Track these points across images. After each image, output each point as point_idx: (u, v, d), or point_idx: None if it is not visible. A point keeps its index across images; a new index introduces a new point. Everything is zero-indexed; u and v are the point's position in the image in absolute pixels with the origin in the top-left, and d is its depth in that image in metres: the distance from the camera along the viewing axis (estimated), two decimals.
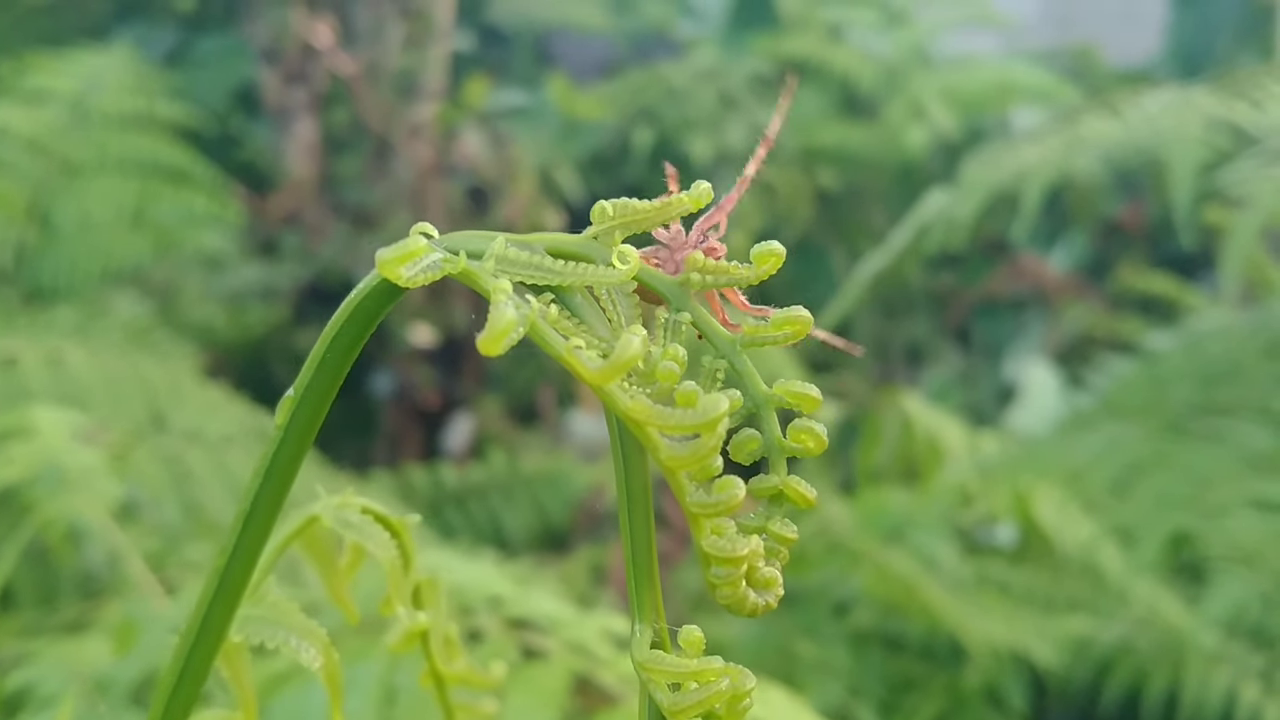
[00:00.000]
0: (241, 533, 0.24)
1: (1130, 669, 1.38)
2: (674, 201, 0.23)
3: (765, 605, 0.22)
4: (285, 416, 0.25)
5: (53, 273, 1.85)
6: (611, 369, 0.19)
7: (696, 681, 0.22)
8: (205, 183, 1.94)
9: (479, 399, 2.15)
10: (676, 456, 0.20)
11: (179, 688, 0.25)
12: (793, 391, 0.22)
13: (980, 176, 1.20)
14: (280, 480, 0.25)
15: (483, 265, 0.21)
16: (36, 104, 1.93)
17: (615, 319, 0.22)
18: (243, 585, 0.25)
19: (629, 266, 0.22)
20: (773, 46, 2.43)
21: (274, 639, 0.27)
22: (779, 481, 0.22)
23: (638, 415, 0.20)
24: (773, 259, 0.23)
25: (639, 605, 0.22)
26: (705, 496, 0.21)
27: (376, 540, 0.29)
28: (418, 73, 2.37)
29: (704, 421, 0.19)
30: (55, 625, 0.95)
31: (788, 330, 0.23)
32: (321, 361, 0.24)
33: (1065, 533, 1.42)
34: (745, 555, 0.21)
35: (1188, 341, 1.26)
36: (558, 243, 0.23)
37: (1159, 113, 1.09)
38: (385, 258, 0.21)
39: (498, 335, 0.19)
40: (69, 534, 0.95)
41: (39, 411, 0.97)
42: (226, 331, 2.04)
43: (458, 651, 0.31)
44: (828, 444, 0.22)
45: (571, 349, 0.20)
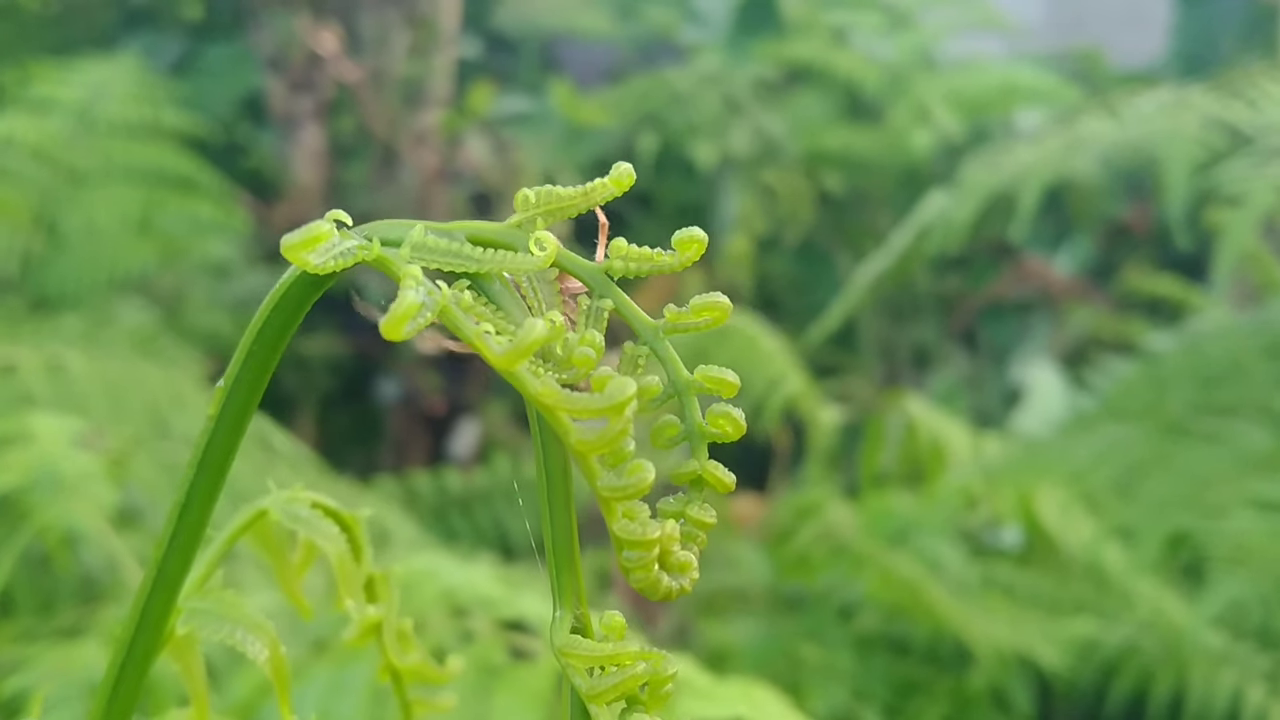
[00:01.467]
0: (178, 524, 0.24)
1: (1136, 671, 1.37)
2: (596, 186, 0.23)
3: (679, 589, 0.22)
4: (216, 407, 0.25)
5: (59, 281, 1.85)
6: (516, 352, 0.19)
7: (615, 665, 0.22)
8: (211, 191, 1.95)
9: (484, 405, 2.15)
10: (586, 441, 0.20)
11: (120, 681, 0.25)
12: (711, 377, 0.23)
13: (979, 179, 1.20)
14: (214, 471, 0.25)
15: (398, 252, 0.21)
16: (43, 113, 1.94)
17: (535, 306, 0.22)
18: (180, 577, 0.25)
19: (546, 253, 0.22)
20: (776, 51, 2.43)
21: (219, 632, 0.27)
22: (699, 466, 0.22)
23: (546, 399, 0.20)
24: (694, 245, 0.23)
25: (559, 590, 0.22)
26: (615, 480, 0.21)
27: (324, 534, 0.29)
28: (423, 80, 2.37)
29: (610, 405, 0.20)
30: (53, 630, 0.96)
31: (707, 316, 0.23)
32: (249, 353, 0.24)
33: (1069, 535, 1.42)
34: (657, 539, 0.21)
35: (1188, 342, 1.26)
36: (479, 230, 0.23)
37: (1154, 112, 1.09)
38: (291, 243, 0.21)
39: (399, 319, 0.19)
40: (66, 539, 0.95)
41: (37, 418, 0.98)
42: (233, 338, 2.04)
43: (411, 645, 0.31)
44: (745, 429, 0.23)
45: (480, 334, 0.20)
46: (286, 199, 2.27)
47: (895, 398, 1.75)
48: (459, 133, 2.24)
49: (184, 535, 0.25)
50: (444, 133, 2.26)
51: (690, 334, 0.23)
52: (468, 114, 2.25)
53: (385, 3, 2.44)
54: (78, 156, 1.92)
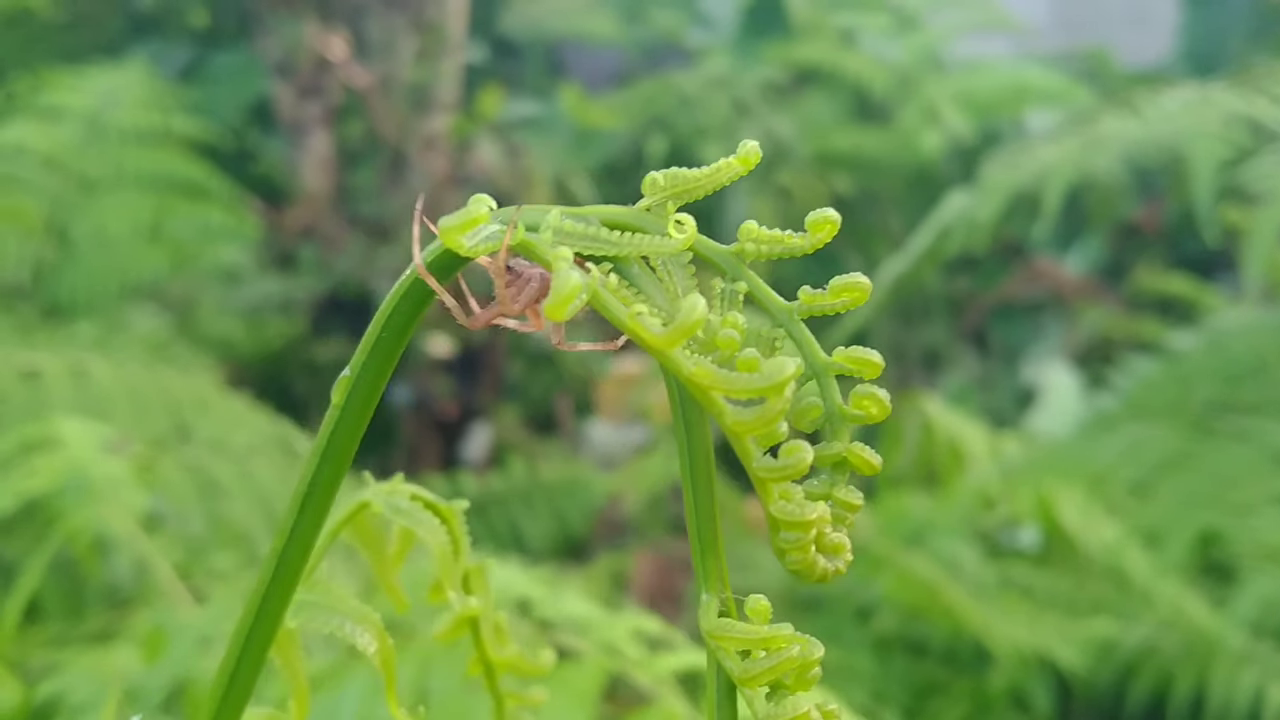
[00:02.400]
0: (299, 514, 0.24)
1: (1155, 671, 1.37)
2: (723, 166, 0.23)
3: (835, 570, 0.22)
4: (342, 396, 0.25)
5: (71, 288, 1.85)
6: (677, 333, 0.19)
7: (765, 649, 0.22)
8: (222, 197, 1.95)
9: (497, 409, 2.15)
10: (742, 421, 0.20)
11: (236, 674, 0.25)
12: (854, 358, 0.22)
13: (1000, 178, 1.20)
14: (338, 461, 0.25)
15: (541, 236, 0.21)
16: (53, 121, 1.94)
17: (671, 288, 0.22)
18: (300, 568, 0.25)
19: (685, 236, 0.22)
20: (785, 53, 2.43)
21: (328, 624, 0.27)
22: (842, 448, 0.22)
23: (703, 380, 0.20)
24: (828, 226, 0.23)
25: (704, 574, 0.22)
26: (772, 461, 0.21)
27: (427, 526, 0.29)
28: (430, 85, 2.37)
29: (770, 385, 0.19)
30: (83, 635, 0.95)
31: (845, 298, 0.23)
32: (377, 340, 0.24)
33: (1089, 535, 1.41)
34: (814, 520, 0.21)
35: (1211, 340, 1.26)
36: (611, 215, 0.23)
37: (1178, 110, 1.09)
38: (448, 225, 0.21)
39: (563, 300, 0.19)
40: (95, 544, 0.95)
41: (64, 423, 0.98)
42: (245, 344, 2.05)
43: (507, 638, 0.31)
44: (890, 409, 0.22)
45: (634, 315, 0.20)
46: (296, 205, 2.27)
47: (911, 399, 1.75)
48: (469, 137, 2.24)
49: (305, 525, 0.24)
50: (454, 137, 2.26)
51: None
52: (477, 118, 2.25)
53: (392, 8, 2.44)
54: (88, 164, 1.92)
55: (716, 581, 0.22)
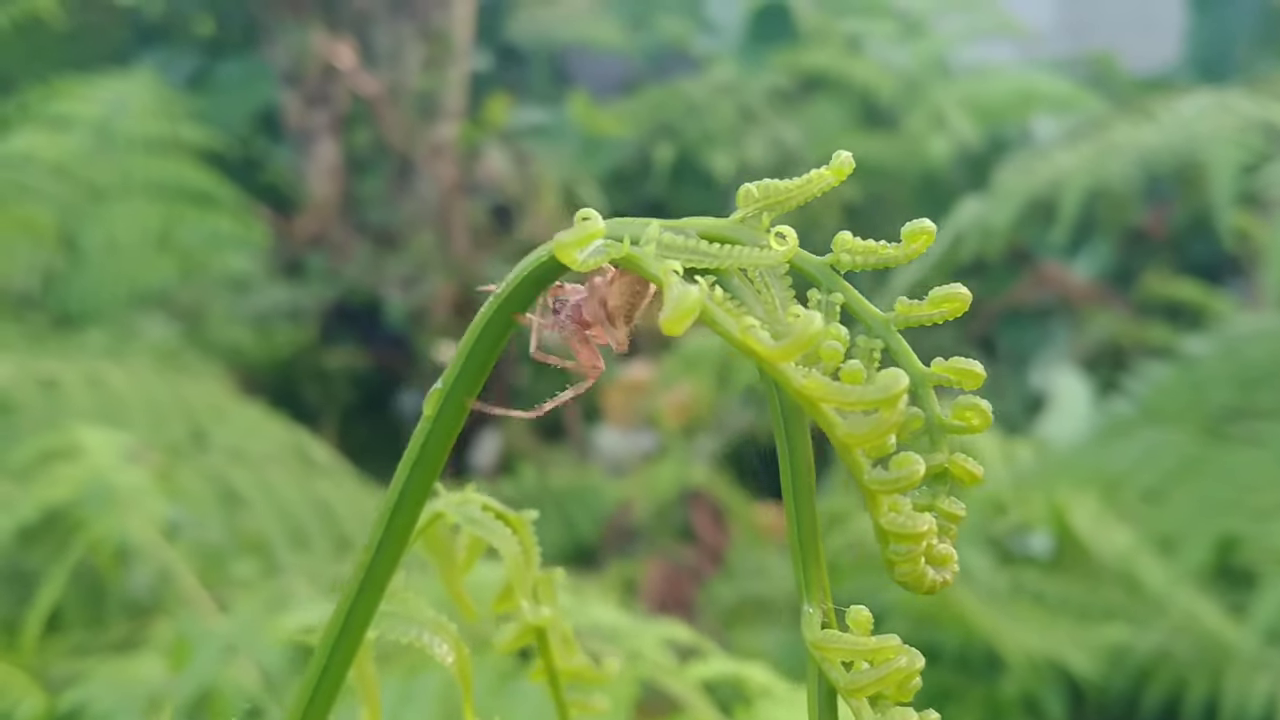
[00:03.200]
0: (388, 526, 0.24)
1: (1169, 677, 1.37)
2: (815, 177, 0.23)
3: (943, 581, 0.22)
4: (434, 408, 0.25)
5: (81, 296, 1.85)
6: (793, 346, 0.19)
7: (869, 661, 0.22)
8: (230, 205, 1.95)
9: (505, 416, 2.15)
10: (854, 433, 0.20)
11: (321, 684, 0.25)
12: (955, 369, 0.22)
13: (1015, 184, 1.20)
14: (428, 470, 0.25)
15: (644, 250, 0.21)
16: (62, 130, 1.94)
17: (769, 300, 0.22)
18: (386, 580, 0.25)
19: (787, 247, 0.22)
20: (791, 60, 2.44)
21: (407, 634, 0.27)
22: (944, 459, 0.22)
23: (816, 393, 0.20)
24: (923, 237, 0.23)
25: (807, 585, 0.22)
26: (884, 473, 0.21)
27: (499, 535, 0.29)
28: (438, 93, 2.38)
29: (885, 397, 0.20)
30: (105, 645, 0.95)
31: (945, 308, 0.23)
32: (470, 352, 0.24)
33: (1101, 541, 1.41)
34: (925, 531, 0.21)
35: (1225, 345, 1.26)
36: (708, 227, 0.23)
37: (1194, 116, 1.09)
38: (564, 240, 0.21)
39: (682, 314, 0.19)
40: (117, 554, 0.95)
41: (85, 432, 0.98)
42: (254, 352, 2.05)
43: (575, 648, 0.31)
44: (991, 420, 0.23)
45: (746, 328, 0.20)
46: (305, 213, 2.27)
47: None
48: (476, 145, 2.25)
49: (393, 537, 0.24)
50: (462, 145, 2.26)
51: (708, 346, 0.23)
52: (485, 126, 2.25)
53: (399, 16, 2.44)
54: (97, 172, 1.92)
55: (819, 592, 0.22)
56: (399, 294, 2.12)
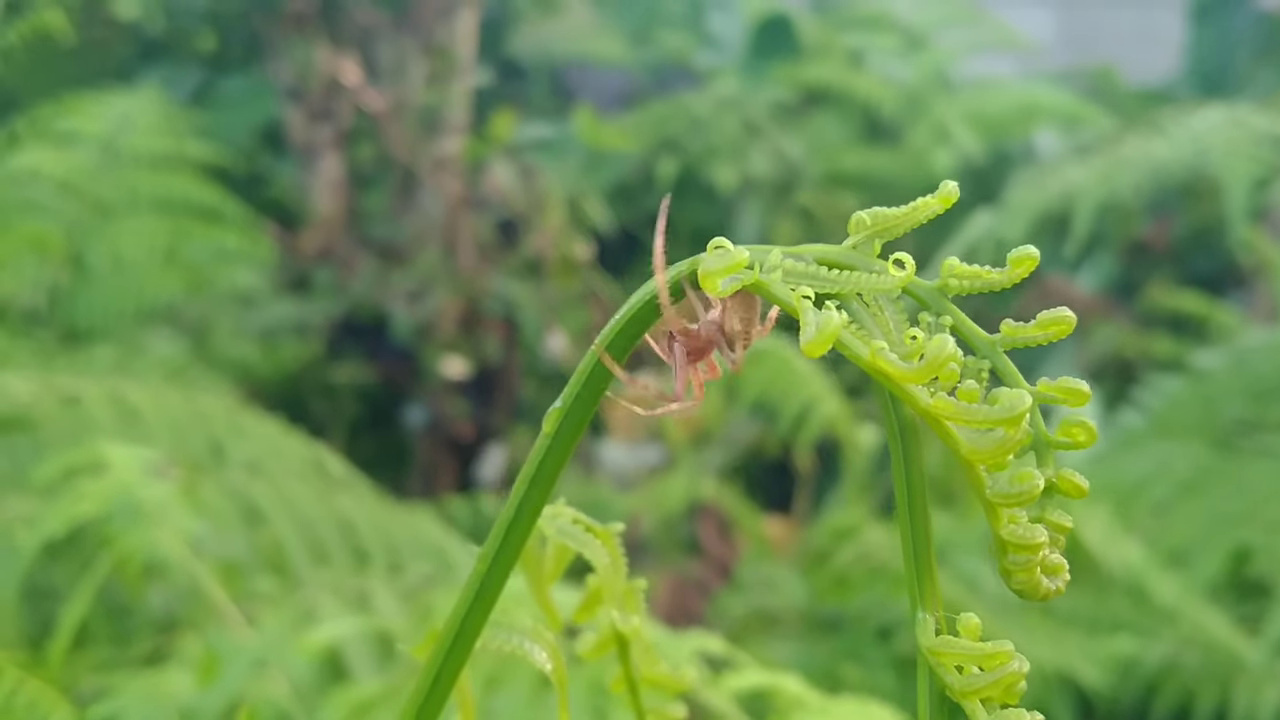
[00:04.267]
0: (505, 537, 0.25)
1: (1177, 688, 1.37)
2: (921, 205, 0.24)
3: (1055, 590, 0.23)
4: (553, 426, 0.26)
5: (87, 313, 1.86)
6: (928, 368, 0.20)
7: (981, 666, 0.22)
8: (236, 220, 1.96)
9: (511, 429, 2.16)
10: (978, 450, 0.21)
11: (433, 692, 0.25)
12: (1061, 388, 0.23)
13: (1026, 198, 1.21)
14: (544, 485, 0.26)
15: (770, 277, 0.22)
16: (68, 146, 1.95)
17: (884, 323, 0.23)
18: (499, 590, 0.25)
19: (904, 274, 0.23)
20: (794, 74, 2.45)
21: (508, 642, 0.28)
22: (1052, 473, 0.23)
23: (943, 412, 0.21)
24: (1027, 262, 0.24)
25: (921, 594, 0.23)
26: (1006, 488, 0.22)
27: (591, 547, 0.29)
28: (441, 108, 2.39)
29: (1009, 417, 0.20)
30: (132, 659, 0.96)
31: (1052, 330, 0.24)
32: (590, 373, 0.25)
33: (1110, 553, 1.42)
34: (1042, 542, 0.22)
35: (1236, 358, 1.27)
36: (824, 253, 0.24)
37: (1205, 130, 1.10)
38: (711, 269, 0.21)
39: (824, 339, 0.20)
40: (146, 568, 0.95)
41: (110, 447, 0.98)
42: (261, 367, 2.05)
43: (655, 657, 0.31)
44: (1098, 437, 0.23)
45: (878, 350, 0.20)
46: (311, 228, 2.28)
47: None
48: (481, 159, 2.26)
49: (509, 549, 0.25)
50: (466, 160, 2.27)
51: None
52: (490, 141, 2.26)
53: (402, 32, 2.46)
54: (103, 188, 1.92)
55: (932, 601, 0.23)
56: (405, 308, 2.13)
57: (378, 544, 1.11)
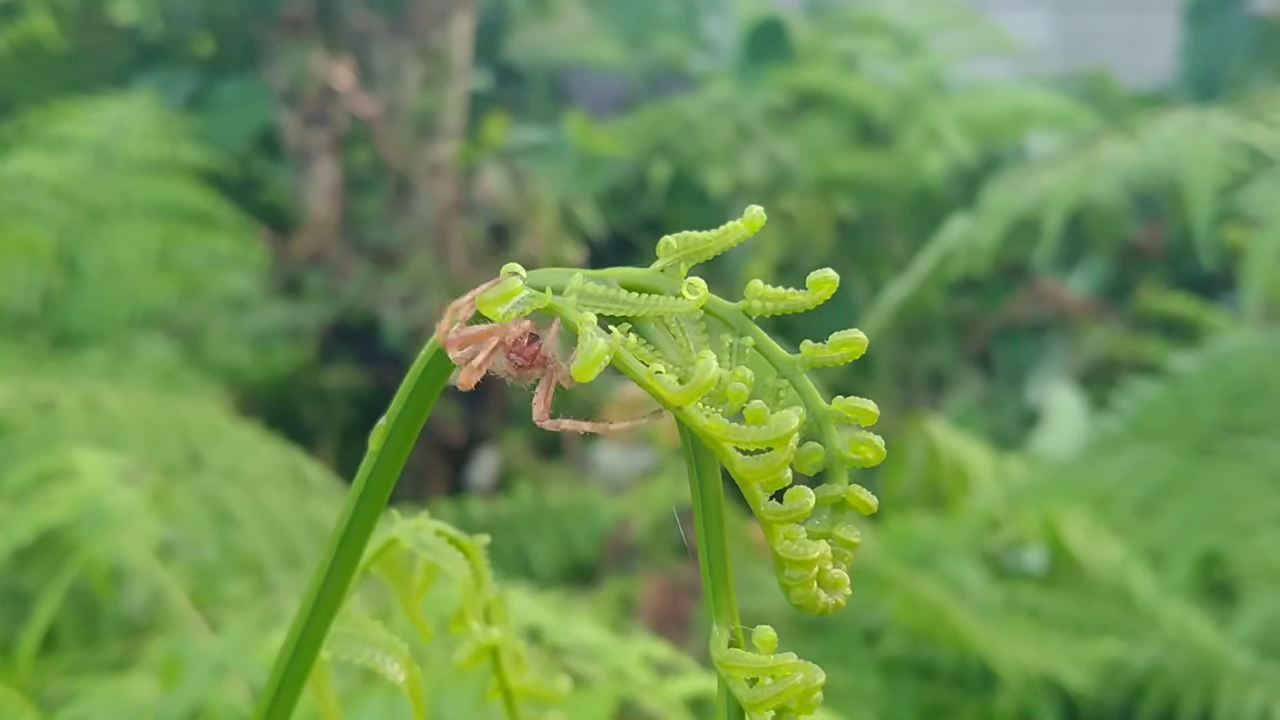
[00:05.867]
0: (338, 552, 0.26)
1: (1163, 691, 1.37)
2: (731, 229, 0.25)
3: (835, 604, 0.23)
4: (379, 443, 0.26)
5: (80, 317, 1.86)
6: (692, 391, 0.20)
7: (772, 677, 0.23)
8: (229, 225, 1.96)
9: (503, 434, 2.16)
10: (751, 469, 0.21)
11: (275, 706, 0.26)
12: (851, 407, 0.24)
13: (1001, 202, 1.21)
14: (374, 501, 0.26)
15: (565, 300, 0.22)
16: (61, 151, 1.95)
17: (684, 345, 0.23)
18: (337, 603, 0.26)
19: (698, 297, 0.23)
20: (787, 78, 2.45)
21: (360, 655, 0.28)
22: (842, 490, 0.24)
23: (716, 434, 0.21)
24: (827, 285, 0.24)
25: (715, 608, 0.23)
26: (778, 505, 0.22)
27: (451, 560, 0.30)
28: (436, 112, 2.39)
29: (777, 437, 0.21)
30: (99, 664, 0.96)
31: (844, 351, 0.24)
32: (413, 390, 0.26)
33: (1094, 556, 1.42)
34: (817, 558, 0.22)
35: (1213, 362, 1.27)
36: (629, 277, 0.24)
37: (1176, 135, 1.10)
38: (487, 298, 0.22)
39: (590, 364, 0.20)
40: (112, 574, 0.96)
41: (80, 453, 0.99)
42: (253, 372, 2.06)
43: (525, 666, 0.32)
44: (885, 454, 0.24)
45: (652, 374, 0.21)
46: (303, 232, 2.28)
47: (916, 420, 1.76)
48: (474, 164, 2.26)
49: (343, 563, 0.26)
50: (460, 164, 2.28)
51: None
52: (483, 145, 2.27)
53: (398, 36, 2.46)
54: (97, 193, 1.93)
55: (727, 614, 0.23)
56: (397, 313, 2.13)
57: None
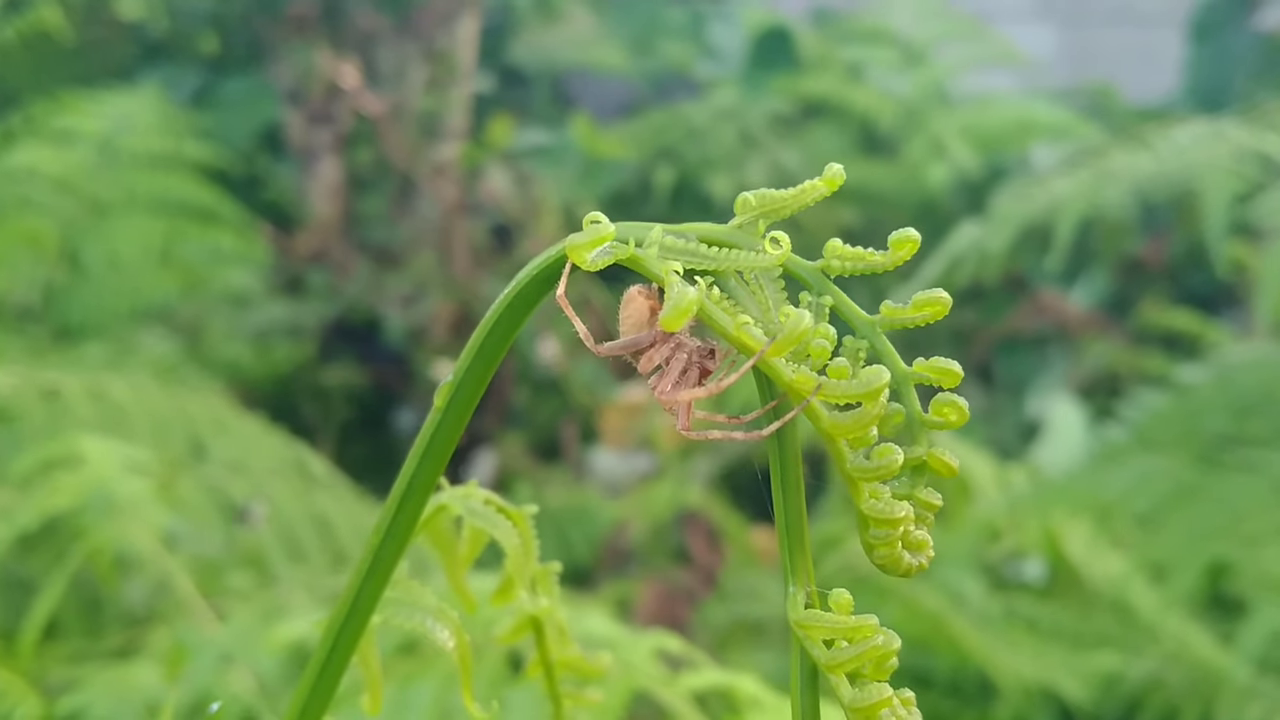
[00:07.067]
0: (397, 512, 0.25)
1: (1161, 704, 1.37)
2: (809, 187, 0.24)
3: (919, 565, 0.23)
4: (444, 400, 0.26)
5: (81, 311, 1.86)
6: (784, 342, 0.20)
7: (848, 640, 0.23)
8: (232, 222, 1.96)
9: (501, 435, 2.16)
10: (839, 425, 0.21)
11: (327, 665, 0.25)
12: (935, 368, 0.24)
13: (1012, 209, 1.21)
14: (436, 461, 0.26)
15: (647, 251, 0.22)
16: (66, 144, 1.95)
17: (763, 301, 0.23)
18: (393, 565, 0.26)
19: (781, 251, 0.23)
20: (792, 86, 2.45)
21: (410, 620, 0.28)
22: (923, 452, 0.23)
23: (805, 386, 0.21)
24: (908, 245, 0.24)
25: (792, 569, 0.23)
26: (865, 462, 0.22)
27: (501, 528, 0.30)
28: (441, 113, 2.39)
29: (868, 391, 0.21)
30: (102, 652, 0.96)
31: (927, 311, 0.24)
32: (481, 346, 0.25)
33: (1094, 568, 1.42)
34: (902, 517, 0.22)
35: (1219, 374, 1.27)
36: (708, 232, 0.24)
37: (1190, 144, 1.10)
38: (577, 242, 0.22)
39: (682, 311, 0.20)
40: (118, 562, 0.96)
41: (86, 441, 0.98)
42: (253, 368, 2.05)
43: (569, 639, 0.31)
44: (969, 416, 0.24)
45: (741, 325, 0.21)
46: (306, 230, 2.28)
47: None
48: (478, 165, 2.26)
49: (401, 523, 0.25)
50: (464, 165, 2.28)
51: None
52: (487, 147, 2.27)
53: (403, 37, 2.46)
54: (100, 187, 1.93)
55: (803, 576, 0.23)
56: (398, 312, 2.13)
57: (356, 544, 1.11)
